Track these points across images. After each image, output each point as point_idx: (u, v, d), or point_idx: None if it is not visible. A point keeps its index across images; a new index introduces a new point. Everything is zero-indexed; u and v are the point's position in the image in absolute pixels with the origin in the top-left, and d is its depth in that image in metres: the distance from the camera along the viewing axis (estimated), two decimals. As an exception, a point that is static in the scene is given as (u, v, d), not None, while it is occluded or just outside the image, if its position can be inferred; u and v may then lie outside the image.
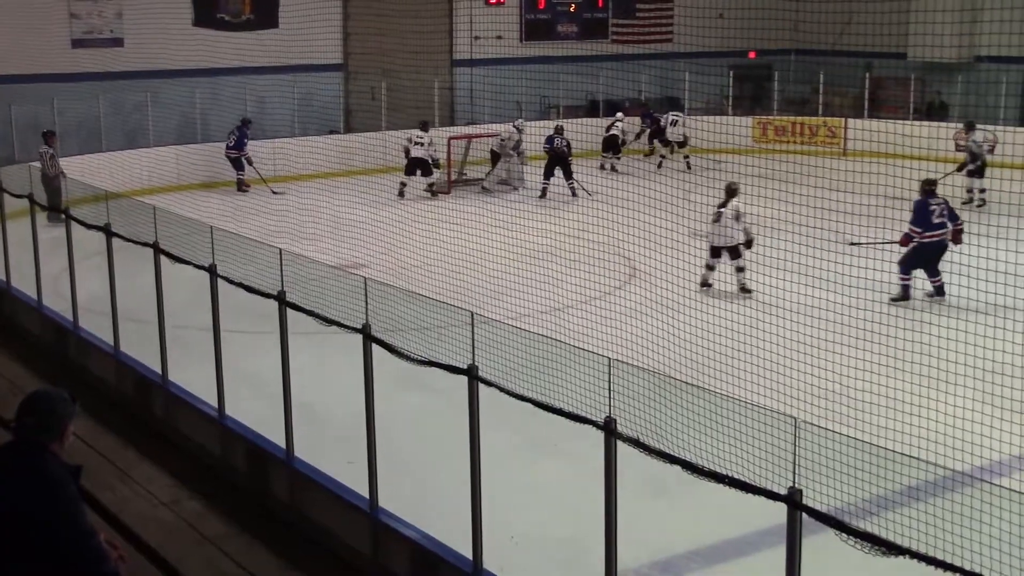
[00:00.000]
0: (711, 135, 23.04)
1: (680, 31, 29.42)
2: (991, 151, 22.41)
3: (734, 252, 15.84)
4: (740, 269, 15.76)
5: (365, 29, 28.41)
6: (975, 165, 21.92)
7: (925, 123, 26.86)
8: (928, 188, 15.16)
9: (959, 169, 21.91)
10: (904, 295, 14.75)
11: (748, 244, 15.86)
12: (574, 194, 23.31)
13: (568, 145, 23.84)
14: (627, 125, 27.30)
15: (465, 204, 21.46)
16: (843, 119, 28.67)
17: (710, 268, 16.00)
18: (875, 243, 15.70)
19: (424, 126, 24.04)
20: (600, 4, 32.44)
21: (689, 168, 25.58)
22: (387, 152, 23.90)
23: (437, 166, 23.86)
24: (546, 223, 17.72)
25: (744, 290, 15.65)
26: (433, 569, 7.67)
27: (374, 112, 27.50)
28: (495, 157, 25.02)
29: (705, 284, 15.83)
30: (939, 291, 14.70)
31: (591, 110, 29.76)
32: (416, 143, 23.51)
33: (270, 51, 26.58)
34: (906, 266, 14.96)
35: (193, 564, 8.39)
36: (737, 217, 15.85)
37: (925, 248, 14.83)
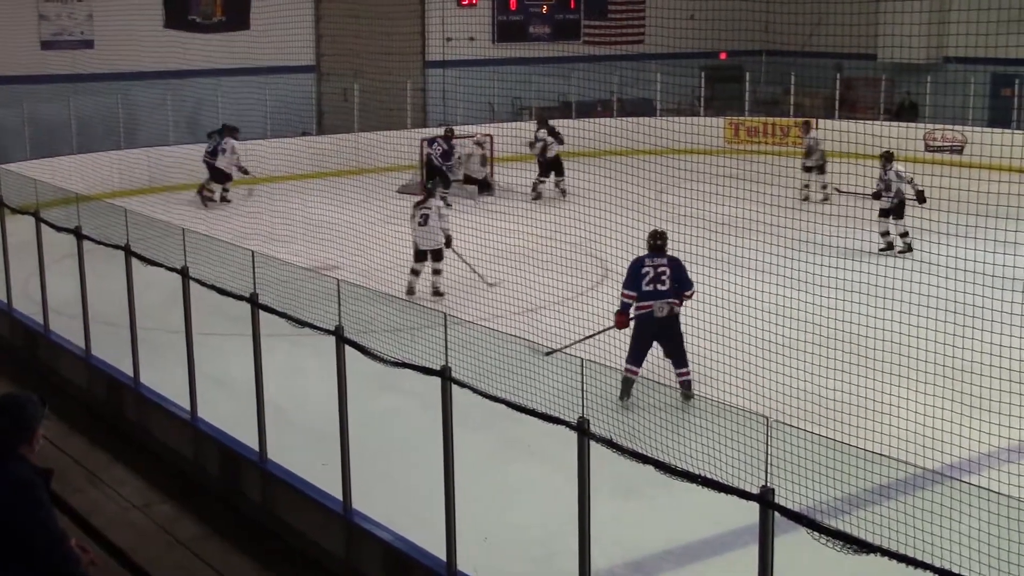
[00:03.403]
0: (683, 136, 23.08)
1: (652, 32, 29.51)
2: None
3: (438, 255, 15.36)
4: (438, 272, 15.26)
5: (337, 31, 28.36)
6: (813, 161, 22.73)
7: (895, 123, 27.07)
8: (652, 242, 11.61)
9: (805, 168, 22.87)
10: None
11: (448, 242, 15.43)
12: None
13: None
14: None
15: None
16: (814, 120, 28.81)
17: (415, 273, 15.37)
18: (573, 344, 11.47)
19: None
20: (572, 5, 32.49)
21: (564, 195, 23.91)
22: (359, 153, 23.81)
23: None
24: (518, 224, 17.72)
25: (437, 293, 15.15)
26: (407, 571, 7.67)
27: (346, 114, 27.43)
28: (467, 179, 24.62)
29: (411, 292, 15.11)
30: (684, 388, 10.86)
31: (564, 111, 29.78)
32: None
33: (241, 53, 26.48)
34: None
35: (165, 568, 8.35)
36: (440, 216, 15.44)
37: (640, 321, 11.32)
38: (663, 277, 11.11)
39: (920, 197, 16.96)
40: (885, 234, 17.69)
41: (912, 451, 8.37)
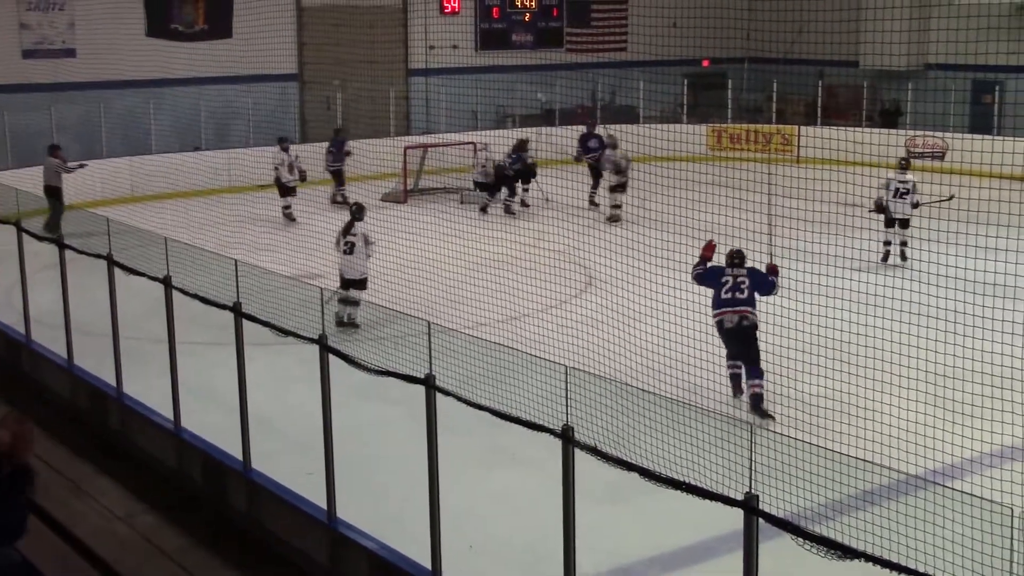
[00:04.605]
0: (666, 143, 23.13)
1: (634, 40, 29.54)
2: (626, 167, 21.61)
3: (361, 285, 14.23)
4: (355, 303, 13.88)
5: (320, 39, 28.35)
6: (618, 179, 21.65)
7: (877, 130, 27.17)
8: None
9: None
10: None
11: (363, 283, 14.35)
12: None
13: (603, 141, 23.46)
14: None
15: (420, 214, 21.43)
16: (796, 127, 28.91)
17: (355, 303, 13.91)
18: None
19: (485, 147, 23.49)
20: (555, 13, 32.55)
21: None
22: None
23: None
24: (502, 232, 17.75)
25: (353, 325, 13.68)
26: (392, 579, 7.66)
27: (329, 122, 27.41)
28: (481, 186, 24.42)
29: (353, 325, 13.70)
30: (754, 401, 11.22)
31: (547, 119, 29.80)
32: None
33: (224, 61, 26.43)
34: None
35: (149, 578, 8.33)
36: (367, 242, 14.52)
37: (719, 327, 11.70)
38: (742, 286, 11.43)
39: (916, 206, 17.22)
40: (887, 243, 17.81)
41: (896, 457, 8.40)
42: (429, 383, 7.25)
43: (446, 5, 30.90)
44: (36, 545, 7.72)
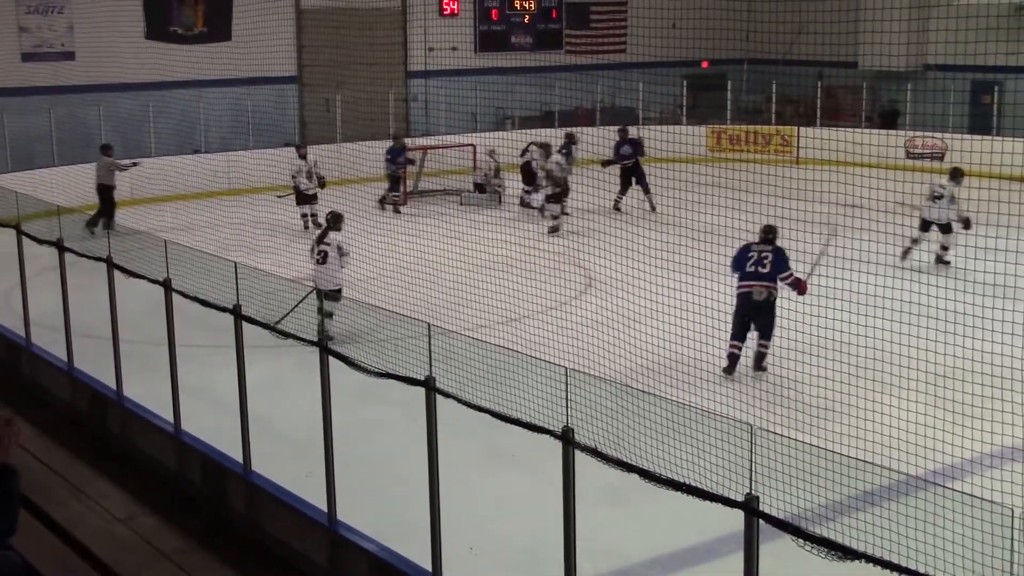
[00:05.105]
0: (666, 144, 23.14)
1: (633, 42, 29.57)
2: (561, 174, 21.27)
3: (334, 296, 12.95)
4: (330, 315, 12.34)
5: (319, 41, 28.34)
6: (553, 189, 21.00)
7: (876, 131, 27.20)
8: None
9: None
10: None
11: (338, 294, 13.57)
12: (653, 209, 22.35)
13: (641, 147, 23.27)
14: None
15: (421, 216, 21.45)
16: (796, 127, 28.93)
17: (329, 315, 12.65)
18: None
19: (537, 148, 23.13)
20: (554, 15, 32.56)
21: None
22: (342, 164, 23.78)
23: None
24: (502, 234, 17.74)
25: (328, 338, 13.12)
26: (392, 581, 7.65)
27: (329, 124, 27.41)
28: (480, 188, 24.57)
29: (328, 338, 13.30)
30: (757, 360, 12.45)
31: (546, 120, 29.81)
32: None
33: (223, 64, 26.43)
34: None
35: (149, 581, 8.33)
36: (341, 252, 14.17)
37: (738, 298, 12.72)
38: (765, 261, 12.55)
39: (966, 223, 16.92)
40: (915, 240, 17.44)
41: (896, 457, 8.39)
42: (429, 385, 7.25)
43: (445, 7, 30.92)
44: (36, 547, 7.72)
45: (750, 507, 5.44)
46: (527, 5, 32.12)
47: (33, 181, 20.85)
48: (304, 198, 21.50)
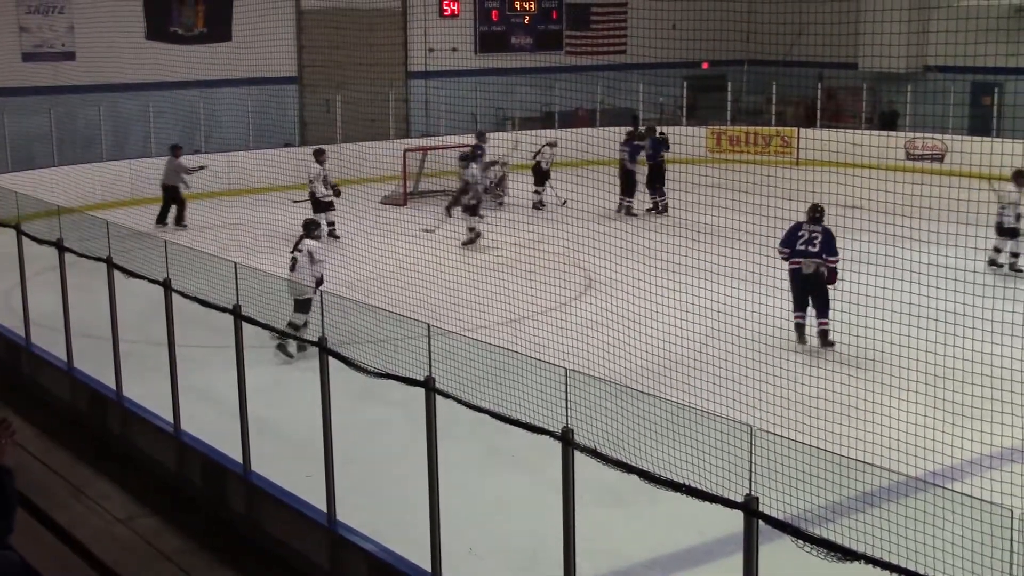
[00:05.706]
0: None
1: (634, 43, 29.57)
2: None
3: (304, 305, 12.42)
4: (298, 327, 12.19)
5: (319, 42, 28.34)
6: (467, 199, 20.16)
7: (876, 132, 27.20)
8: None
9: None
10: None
11: (319, 283, 13.35)
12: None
13: (666, 144, 23.20)
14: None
15: (421, 216, 21.45)
16: (796, 129, 28.94)
17: (304, 326, 12.30)
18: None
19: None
20: (554, 16, 32.56)
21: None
22: (342, 164, 23.80)
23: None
24: (502, 235, 17.74)
25: (286, 353, 12.94)
26: (392, 582, 7.65)
27: (329, 124, 27.41)
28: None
29: (300, 349, 12.82)
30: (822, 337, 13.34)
31: (546, 121, 29.81)
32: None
33: (223, 64, 26.45)
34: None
35: (149, 581, 8.33)
36: (312, 260, 13.61)
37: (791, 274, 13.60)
38: (815, 241, 13.43)
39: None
40: (997, 251, 17.10)
41: (896, 458, 8.39)
42: (429, 386, 7.25)
43: (445, 8, 30.92)
44: (36, 547, 7.73)
45: (750, 508, 5.44)
46: (527, 6, 32.12)
47: (33, 181, 20.86)
48: (320, 205, 20.42)
